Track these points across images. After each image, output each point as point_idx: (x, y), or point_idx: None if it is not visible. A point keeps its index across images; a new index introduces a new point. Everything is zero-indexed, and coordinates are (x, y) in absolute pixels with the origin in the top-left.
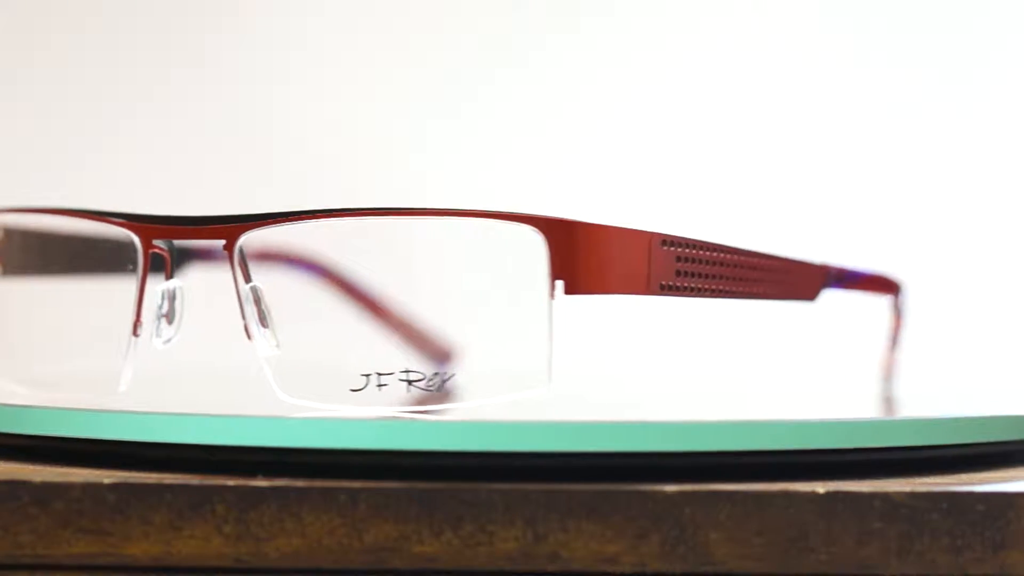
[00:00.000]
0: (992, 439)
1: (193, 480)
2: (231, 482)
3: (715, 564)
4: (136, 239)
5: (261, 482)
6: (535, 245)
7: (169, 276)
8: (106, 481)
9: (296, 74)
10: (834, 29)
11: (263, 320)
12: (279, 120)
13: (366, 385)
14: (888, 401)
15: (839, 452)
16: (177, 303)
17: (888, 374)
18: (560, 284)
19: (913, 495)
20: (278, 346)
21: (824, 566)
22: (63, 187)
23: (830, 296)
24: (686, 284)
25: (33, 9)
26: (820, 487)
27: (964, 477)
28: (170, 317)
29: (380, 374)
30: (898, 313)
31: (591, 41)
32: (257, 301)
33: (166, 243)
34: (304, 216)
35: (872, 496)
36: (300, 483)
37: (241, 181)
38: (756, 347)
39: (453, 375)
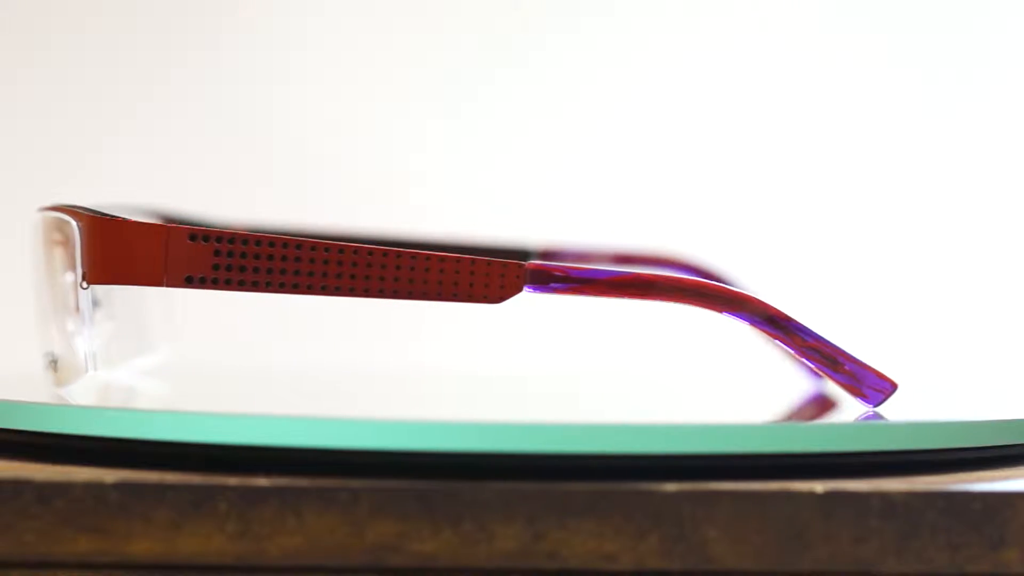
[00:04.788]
0: (989, 443)
1: (195, 479)
2: (233, 481)
3: (714, 563)
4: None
5: (262, 481)
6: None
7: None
8: (108, 480)
9: (296, 74)
10: (834, 30)
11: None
12: (279, 120)
13: (47, 365)
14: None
15: (838, 453)
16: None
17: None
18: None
19: (911, 494)
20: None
21: (822, 564)
22: (63, 187)
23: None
24: (228, 277)
25: (33, 9)
26: (819, 486)
27: (961, 476)
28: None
29: (48, 354)
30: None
31: (591, 41)
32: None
33: None
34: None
35: (870, 495)
36: (301, 482)
37: (241, 180)
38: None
39: (57, 359)
